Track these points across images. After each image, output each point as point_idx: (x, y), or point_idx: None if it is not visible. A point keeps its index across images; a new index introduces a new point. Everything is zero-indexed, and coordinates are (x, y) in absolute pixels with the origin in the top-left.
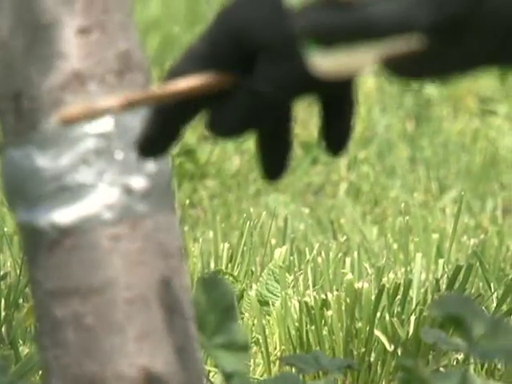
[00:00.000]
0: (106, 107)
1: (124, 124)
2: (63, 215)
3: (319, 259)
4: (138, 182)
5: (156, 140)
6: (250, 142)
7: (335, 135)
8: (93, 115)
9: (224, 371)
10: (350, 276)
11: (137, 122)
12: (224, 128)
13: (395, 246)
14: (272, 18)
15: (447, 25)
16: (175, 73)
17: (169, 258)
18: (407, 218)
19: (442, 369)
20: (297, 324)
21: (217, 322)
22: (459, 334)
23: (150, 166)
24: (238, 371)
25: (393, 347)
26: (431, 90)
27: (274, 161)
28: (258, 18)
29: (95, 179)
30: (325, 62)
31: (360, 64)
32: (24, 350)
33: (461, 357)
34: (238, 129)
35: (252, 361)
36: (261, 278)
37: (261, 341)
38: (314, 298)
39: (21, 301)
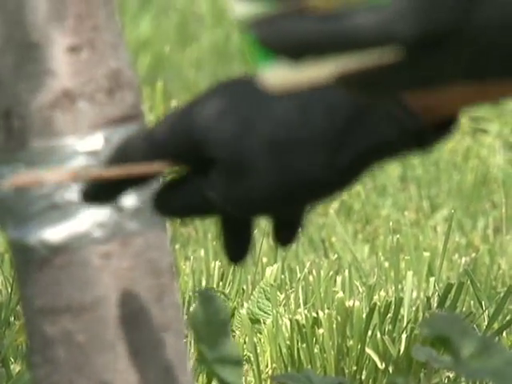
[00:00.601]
0: (53, 180)
1: (114, 141)
2: (53, 233)
3: (310, 277)
4: (129, 200)
5: (100, 194)
6: None
7: (285, 237)
8: (40, 184)
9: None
10: (341, 294)
11: None
12: (166, 209)
13: (386, 264)
14: (228, 132)
15: (430, 37)
16: (130, 150)
17: (159, 276)
18: (398, 236)
19: None
20: (288, 342)
21: (212, 337)
22: (448, 353)
23: None
24: None
25: (384, 365)
26: None
27: (235, 242)
28: (215, 128)
29: None
30: (278, 76)
31: (316, 77)
32: (15, 367)
33: (452, 375)
34: (179, 214)
35: (244, 379)
36: (252, 297)
37: (252, 359)
38: (306, 316)
39: (12, 319)
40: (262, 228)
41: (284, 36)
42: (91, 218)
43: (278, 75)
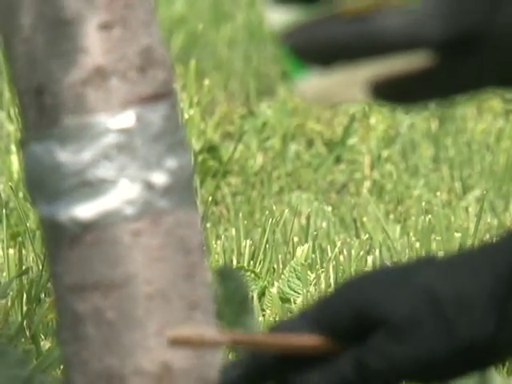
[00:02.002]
0: (216, 340)
1: (145, 119)
2: (84, 210)
3: (341, 257)
4: (159, 178)
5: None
6: (273, 140)
7: None
8: (200, 344)
9: None
10: None
11: (158, 117)
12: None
13: (418, 244)
14: (401, 295)
15: (459, 40)
16: (286, 327)
17: (189, 254)
18: (430, 217)
19: None
20: None
21: (233, 315)
22: None
23: (172, 162)
24: None
25: None
26: None
27: None
28: (385, 294)
29: (116, 174)
30: (311, 85)
31: (349, 85)
32: (45, 344)
33: None
34: None
35: None
36: (283, 276)
37: None
38: None
39: (42, 295)
40: (294, 208)
41: (314, 41)
42: (122, 196)
43: (311, 85)
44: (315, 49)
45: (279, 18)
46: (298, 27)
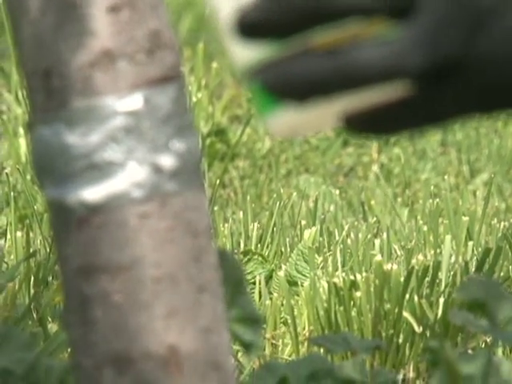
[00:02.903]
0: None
1: (153, 102)
2: (92, 193)
3: (349, 240)
4: (167, 161)
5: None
6: None
7: None
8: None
9: (242, 341)
10: (379, 257)
11: (166, 100)
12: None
13: (425, 228)
14: None
15: (437, 69)
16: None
17: (197, 237)
18: (438, 200)
19: (470, 351)
20: (325, 305)
21: (228, 297)
22: (484, 318)
23: (179, 144)
24: (255, 343)
25: (421, 329)
26: None
27: None
28: None
29: (124, 157)
30: (284, 122)
31: (323, 120)
32: (52, 327)
33: (489, 339)
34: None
35: (280, 341)
36: (290, 259)
37: (289, 321)
38: (343, 279)
39: (50, 278)
40: (301, 191)
41: (289, 78)
42: (130, 178)
43: (283, 121)
44: (289, 85)
45: (246, 54)
46: (269, 63)
